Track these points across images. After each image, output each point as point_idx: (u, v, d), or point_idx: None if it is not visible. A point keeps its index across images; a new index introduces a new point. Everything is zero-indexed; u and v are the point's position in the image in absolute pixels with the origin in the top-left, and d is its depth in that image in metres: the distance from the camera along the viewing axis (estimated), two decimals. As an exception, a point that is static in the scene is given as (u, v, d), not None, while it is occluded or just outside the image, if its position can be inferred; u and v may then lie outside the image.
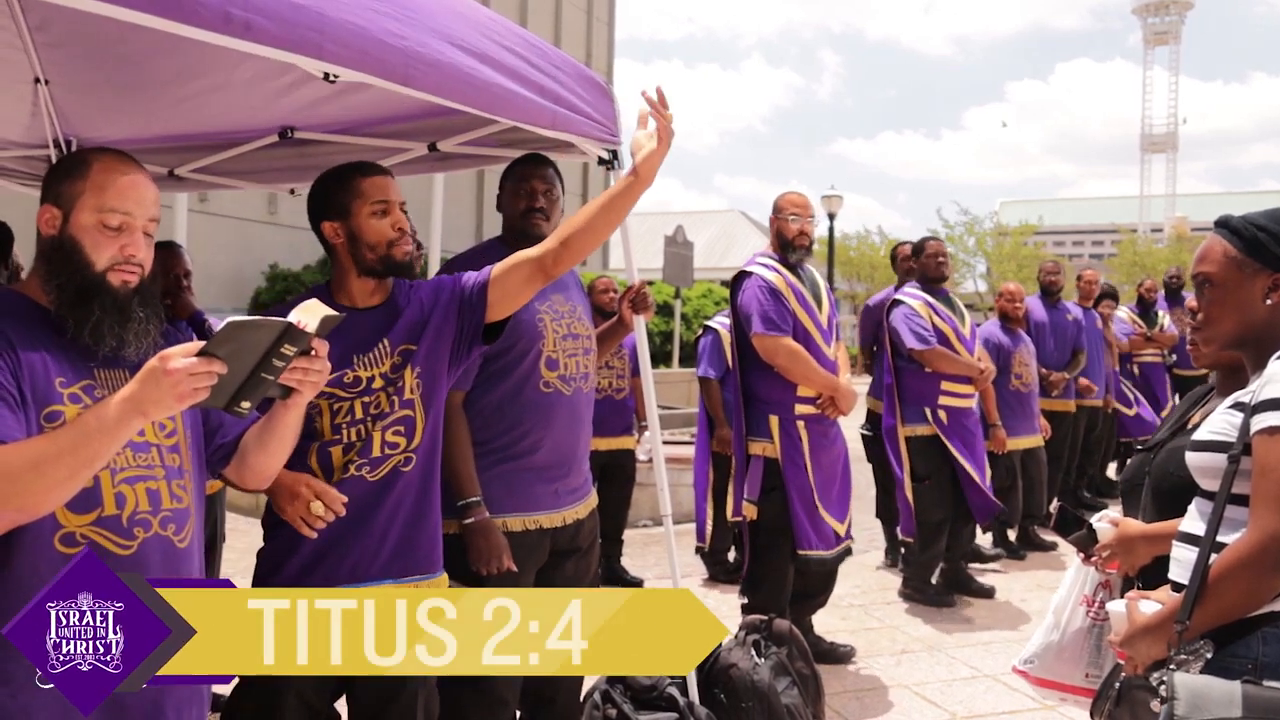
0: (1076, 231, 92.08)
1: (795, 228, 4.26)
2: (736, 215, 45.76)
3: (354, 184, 2.43)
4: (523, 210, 3.03)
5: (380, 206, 2.42)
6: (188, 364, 1.52)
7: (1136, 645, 1.87)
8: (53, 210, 1.78)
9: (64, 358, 1.74)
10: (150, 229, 1.82)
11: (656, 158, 2.40)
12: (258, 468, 2.00)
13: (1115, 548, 2.28)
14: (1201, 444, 1.84)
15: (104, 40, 2.64)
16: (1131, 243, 46.14)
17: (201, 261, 4.22)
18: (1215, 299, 1.87)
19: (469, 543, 2.78)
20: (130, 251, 1.78)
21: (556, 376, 2.95)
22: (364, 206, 2.42)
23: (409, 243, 2.47)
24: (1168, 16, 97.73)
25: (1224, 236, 1.88)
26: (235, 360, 1.57)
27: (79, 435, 1.57)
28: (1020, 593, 5.90)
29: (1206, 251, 1.90)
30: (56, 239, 1.77)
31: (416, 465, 2.42)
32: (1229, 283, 1.85)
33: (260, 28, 1.83)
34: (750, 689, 3.15)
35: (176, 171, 3.71)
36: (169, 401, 1.54)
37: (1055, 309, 7.28)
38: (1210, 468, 1.81)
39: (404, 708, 2.44)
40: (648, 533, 7.08)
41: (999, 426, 6.11)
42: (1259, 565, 1.65)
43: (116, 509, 1.72)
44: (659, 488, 3.23)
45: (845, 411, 4.24)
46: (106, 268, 1.76)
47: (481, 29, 2.42)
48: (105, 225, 1.76)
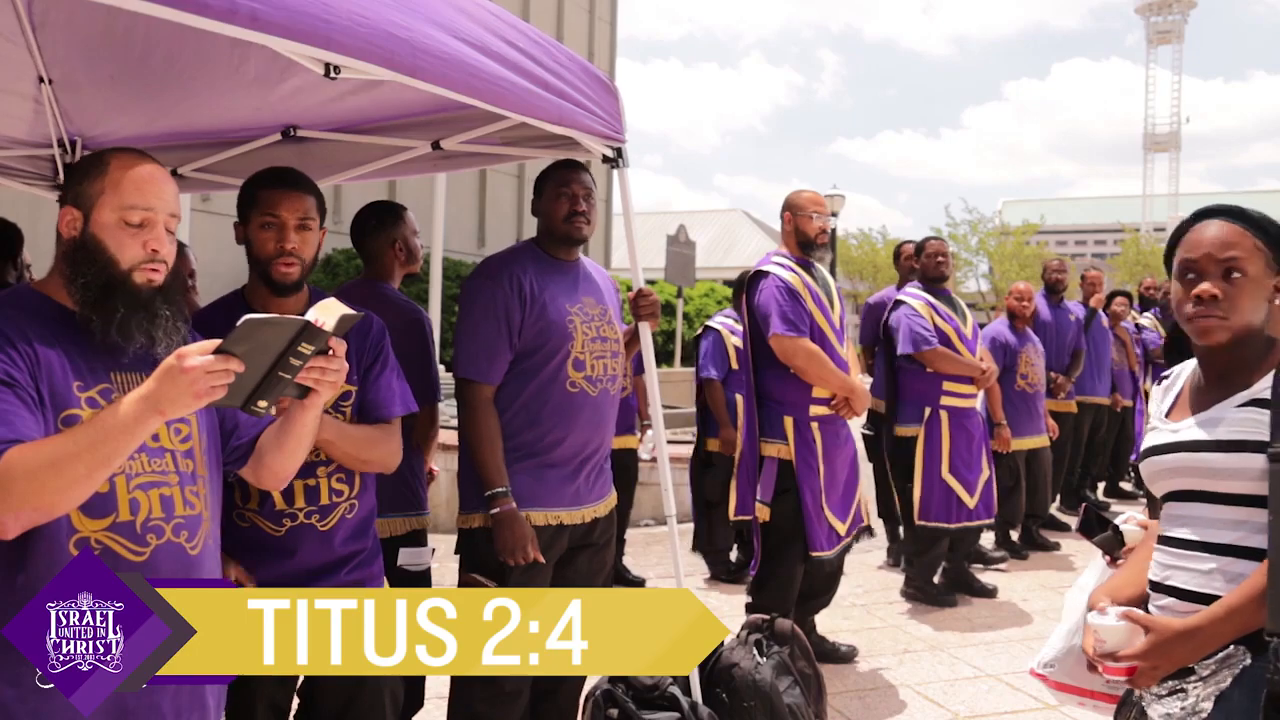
0: (1079, 231, 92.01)
1: (817, 225, 4.25)
2: (739, 215, 45.73)
3: (252, 195, 2.43)
4: (566, 214, 3.03)
5: (272, 219, 2.38)
6: (205, 362, 1.51)
7: (1169, 653, 1.78)
8: (73, 212, 1.77)
9: (82, 361, 1.74)
10: (171, 224, 1.81)
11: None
12: (275, 468, 1.99)
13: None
14: (1225, 444, 1.78)
15: (107, 38, 2.63)
16: (1135, 242, 46.06)
17: (205, 261, 4.22)
18: (1246, 290, 1.81)
19: (495, 533, 2.83)
20: (154, 246, 1.77)
21: (583, 377, 2.99)
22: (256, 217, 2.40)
23: (292, 263, 2.39)
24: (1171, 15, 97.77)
25: (1250, 231, 1.83)
26: (252, 359, 1.56)
27: (97, 434, 1.56)
28: (1023, 592, 5.89)
29: (1234, 238, 1.82)
30: (79, 240, 1.76)
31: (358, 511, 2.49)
32: (1259, 276, 1.82)
33: (266, 18, 1.81)
34: (752, 688, 3.14)
35: (180, 171, 3.70)
36: (186, 400, 1.53)
37: (1058, 308, 7.27)
38: (1241, 469, 1.75)
39: (372, 698, 2.48)
40: (649, 532, 7.07)
41: (1004, 426, 6.11)
42: None
43: (130, 515, 1.72)
44: (663, 488, 3.22)
45: (859, 412, 4.25)
46: (131, 266, 1.75)
47: (485, 24, 2.40)
48: (127, 222, 1.75)
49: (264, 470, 2.01)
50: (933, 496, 5.35)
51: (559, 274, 3.06)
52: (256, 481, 2.06)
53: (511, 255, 3.07)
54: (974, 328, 5.60)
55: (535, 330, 2.94)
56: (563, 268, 3.08)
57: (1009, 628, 5.21)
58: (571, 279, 3.09)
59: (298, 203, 2.39)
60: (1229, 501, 1.78)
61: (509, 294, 2.92)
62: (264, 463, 1.99)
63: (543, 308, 2.95)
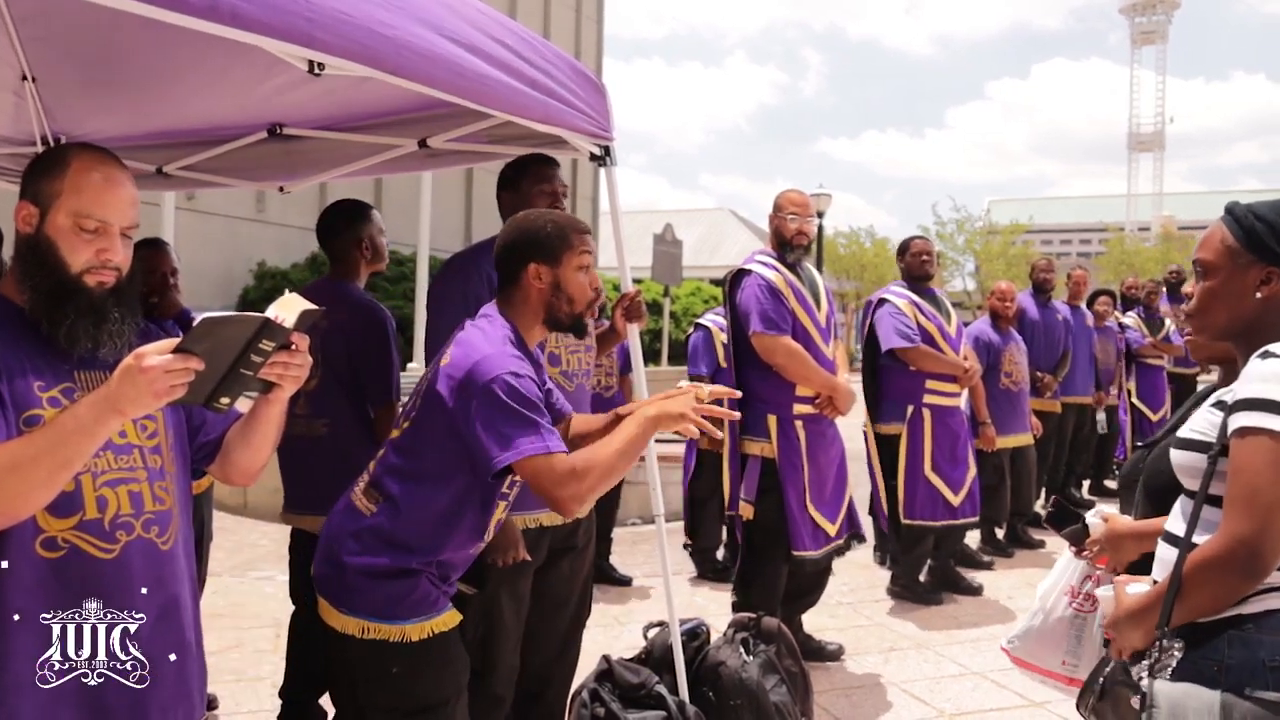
0: (1064, 230, 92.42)
1: (794, 227, 4.25)
2: (725, 213, 45.78)
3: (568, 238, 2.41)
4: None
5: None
6: (164, 361, 1.50)
7: (1121, 630, 1.86)
8: (30, 208, 1.76)
9: (42, 360, 1.72)
10: (129, 231, 1.80)
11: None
12: (242, 464, 1.98)
13: (1104, 543, 2.29)
14: (1184, 442, 1.82)
15: (91, 36, 2.62)
16: (1120, 241, 46.29)
17: (189, 259, 4.20)
18: (1209, 288, 1.83)
19: None
20: (106, 256, 1.75)
21: (559, 372, 2.97)
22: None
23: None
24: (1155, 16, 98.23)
25: (1226, 225, 1.82)
26: (212, 357, 1.56)
27: (57, 436, 1.56)
28: (1008, 590, 5.91)
29: (1207, 238, 1.85)
30: (33, 237, 1.75)
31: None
32: (1223, 272, 1.81)
33: (248, 15, 1.80)
34: (739, 687, 3.15)
35: (165, 169, 3.69)
36: (146, 399, 1.52)
37: (1046, 308, 7.30)
38: (1191, 467, 1.79)
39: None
40: (636, 531, 7.07)
41: (989, 424, 6.14)
42: (1225, 568, 1.63)
43: (98, 512, 1.71)
44: (650, 487, 3.22)
45: (843, 411, 4.24)
46: (82, 270, 1.74)
47: (472, 21, 2.39)
48: (82, 228, 1.73)
49: (231, 467, 1.99)
50: (916, 494, 5.36)
51: None
52: (225, 478, 2.05)
53: (479, 250, 3.04)
54: (958, 326, 5.62)
55: None
56: None
57: (994, 625, 5.22)
58: None
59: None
60: (1193, 497, 1.80)
61: (480, 289, 2.88)
62: (231, 459, 1.98)
63: None
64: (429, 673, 2.23)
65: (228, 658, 4.27)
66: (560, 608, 3.10)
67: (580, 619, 3.19)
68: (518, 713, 3.11)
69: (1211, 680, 1.64)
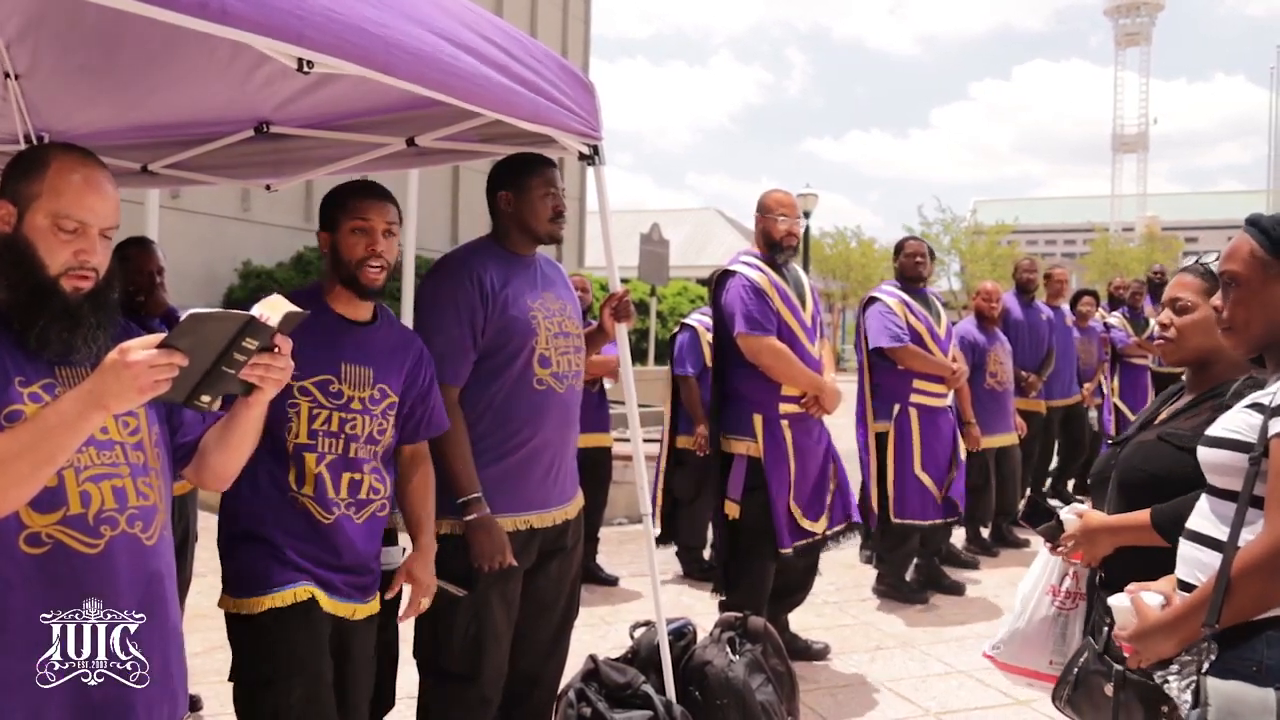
0: (1049, 230, 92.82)
1: (783, 228, 4.26)
2: (712, 213, 45.76)
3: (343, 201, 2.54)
4: (552, 215, 3.00)
5: (363, 225, 2.50)
6: (148, 356, 1.50)
7: (1148, 642, 1.84)
8: (8, 207, 1.75)
9: (23, 356, 1.71)
10: (109, 233, 1.79)
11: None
12: (217, 468, 1.97)
13: (1079, 538, 2.30)
14: (1217, 440, 1.81)
15: (75, 32, 2.60)
16: (1105, 241, 46.51)
17: (174, 258, 4.18)
18: (1240, 299, 1.83)
19: (471, 540, 2.78)
20: (84, 257, 1.74)
21: (549, 374, 2.95)
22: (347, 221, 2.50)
23: (380, 266, 2.53)
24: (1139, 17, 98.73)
25: (1253, 235, 1.83)
26: (196, 353, 1.55)
27: (39, 431, 1.55)
28: (993, 589, 5.94)
29: (1234, 250, 1.85)
30: (10, 237, 1.74)
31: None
32: (1253, 283, 1.81)
33: (237, 12, 1.79)
34: (725, 686, 3.15)
35: (150, 167, 3.67)
36: (129, 394, 1.52)
37: (1030, 308, 7.33)
38: (1224, 465, 1.78)
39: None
40: (622, 530, 7.07)
41: (974, 424, 6.17)
42: (1271, 569, 1.64)
43: (82, 507, 1.70)
44: (638, 486, 3.22)
45: (829, 410, 4.25)
46: (60, 273, 1.73)
47: (461, 19, 2.38)
48: (60, 229, 1.72)
49: (206, 470, 1.98)
50: (906, 493, 5.38)
51: (520, 270, 3.00)
52: (199, 482, 2.04)
53: (470, 252, 3.01)
54: (948, 327, 5.64)
55: (498, 328, 2.88)
56: (523, 263, 3.03)
57: (979, 624, 5.25)
58: (532, 275, 3.03)
59: (386, 210, 2.54)
60: (1222, 496, 1.80)
61: (471, 291, 2.86)
62: (206, 462, 1.97)
63: (505, 304, 2.89)
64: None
65: (213, 658, 4.24)
66: (548, 609, 3.09)
67: (569, 620, 3.19)
68: (504, 713, 3.11)
69: (1252, 680, 1.64)
